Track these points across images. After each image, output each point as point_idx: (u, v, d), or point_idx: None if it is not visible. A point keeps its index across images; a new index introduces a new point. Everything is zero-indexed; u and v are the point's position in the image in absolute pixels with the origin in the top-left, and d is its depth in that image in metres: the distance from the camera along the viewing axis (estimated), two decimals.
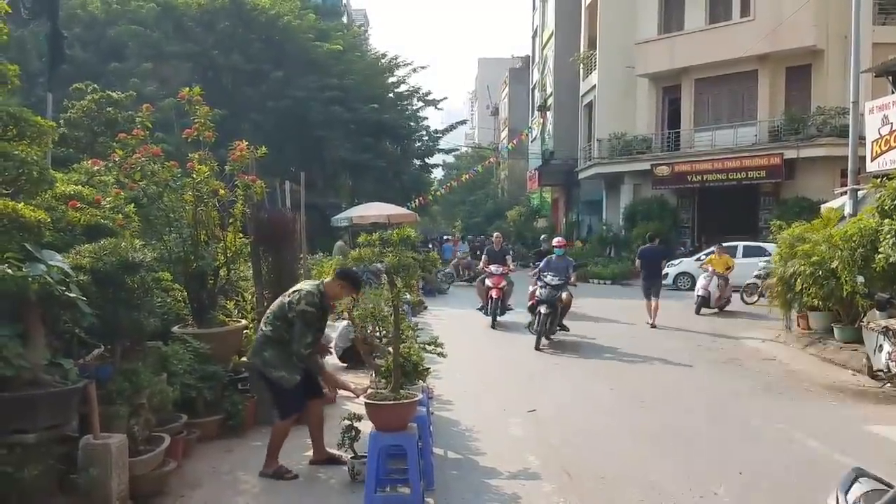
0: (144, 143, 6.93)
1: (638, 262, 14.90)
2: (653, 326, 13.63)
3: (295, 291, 5.36)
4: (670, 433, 6.58)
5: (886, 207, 9.55)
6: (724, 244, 22.25)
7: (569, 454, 5.93)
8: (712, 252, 17.77)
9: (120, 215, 6.70)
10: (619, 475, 5.38)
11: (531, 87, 47.23)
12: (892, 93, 13.47)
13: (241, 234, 7.43)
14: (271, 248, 7.54)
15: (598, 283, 24.51)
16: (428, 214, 45.18)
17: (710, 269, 15.87)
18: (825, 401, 7.92)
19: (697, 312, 15.23)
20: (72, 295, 4.23)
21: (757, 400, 7.97)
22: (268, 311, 5.52)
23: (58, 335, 4.75)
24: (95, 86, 12.91)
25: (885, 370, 8.24)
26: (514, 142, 42.24)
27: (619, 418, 7.10)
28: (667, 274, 22.36)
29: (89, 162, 8.16)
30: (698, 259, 22.27)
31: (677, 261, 23.22)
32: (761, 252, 20.38)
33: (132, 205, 7.17)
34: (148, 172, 6.84)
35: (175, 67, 25.62)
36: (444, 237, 43.47)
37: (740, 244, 21.65)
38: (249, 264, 7.87)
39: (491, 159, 50.78)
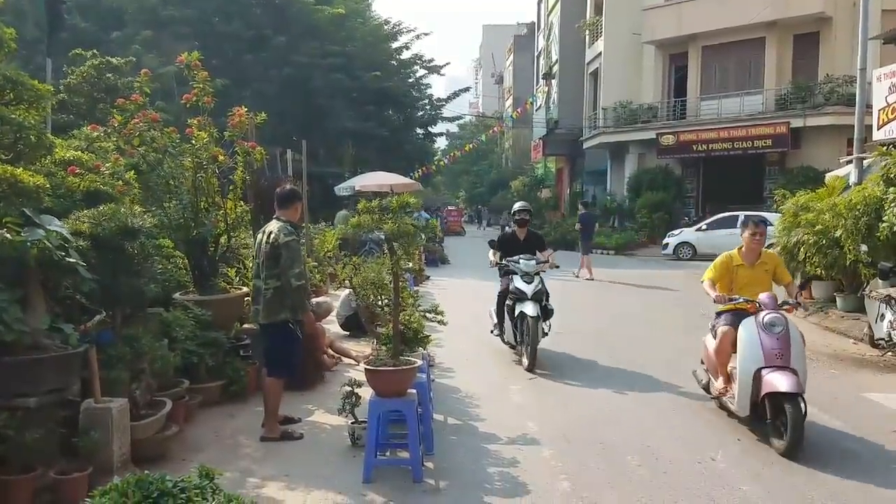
0: (143, 109, 6.89)
1: (578, 225, 18.14)
2: (590, 279, 16.37)
3: (268, 235, 5.37)
4: (669, 400, 6.62)
5: (892, 176, 9.47)
6: (726, 213, 22.14)
7: (567, 421, 5.97)
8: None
9: (120, 181, 6.68)
10: (618, 441, 5.42)
11: (536, 54, 46.70)
12: None
13: (241, 202, 7.42)
14: (271, 215, 7.52)
15: (603, 253, 24.53)
16: (431, 184, 45.05)
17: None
18: (826, 369, 7.93)
19: None
20: (71, 260, 4.23)
21: None
22: (262, 270, 5.41)
23: (58, 300, 4.77)
24: (95, 51, 12.80)
25: (887, 339, 8.24)
26: (519, 110, 41.86)
27: (617, 386, 7.12)
28: (667, 244, 22.45)
29: (89, 128, 8.12)
30: (699, 229, 22.24)
31: (678, 230, 23.21)
32: (763, 222, 20.27)
33: (132, 171, 7.15)
34: (147, 139, 6.82)
35: (175, 34, 25.36)
36: (449, 207, 43.37)
37: (741, 213, 21.58)
38: (250, 232, 7.87)
39: (495, 128, 50.44)
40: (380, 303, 5.64)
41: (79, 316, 4.92)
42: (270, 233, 5.37)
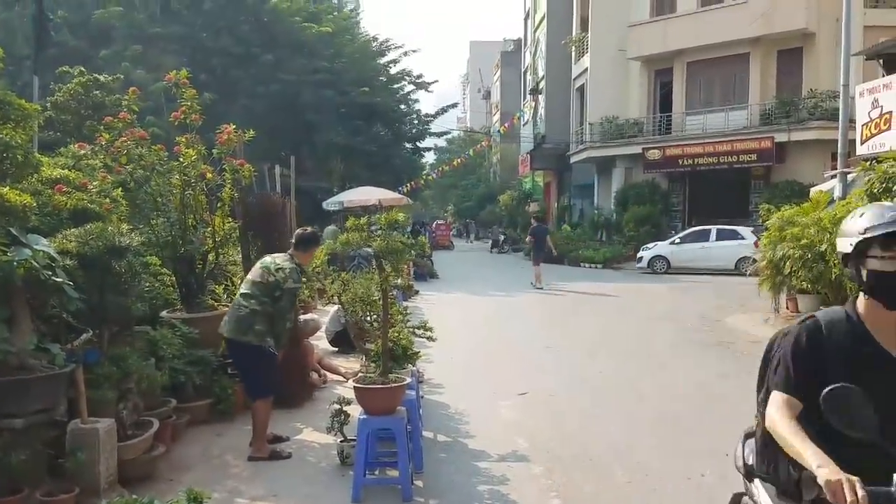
0: (131, 127, 6.88)
1: (529, 238, 18.97)
2: (539, 288, 17.19)
3: (278, 269, 5.37)
4: (658, 415, 6.63)
5: (875, 191, 9.58)
6: (699, 227, 22.48)
7: (558, 436, 5.96)
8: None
9: (107, 199, 6.64)
10: (608, 457, 5.43)
11: (523, 70, 46.99)
12: (883, 76, 13.50)
13: (229, 219, 7.40)
14: (260, 232, 7.51)
15: (590, 267, 24.61)
16: (420, 199, 45.07)
17: None
18: None
19: None
20: (58, 279, 4.21)
21: (744, 382, 7.98)
22: (248, 287, 5.45)
23: (45, 320, 4.73)
24: (82, 69, 12.78)
25: None
26: (506, 126, 42.04)
27: (608, 401, 7.14)
28: (641, 258, 22.64)
29: (76, 146, 8.09)
30: (673, 242, 22.50)
31: (652, 244, 23.37)
32: (735, 235, 20.77)
33: (119, 189, 7.13)
34: (135, 156, 6.80)
35: (163, 50, 25.37)
36: (438, 221, 43.35)
37: (713, 228, 21.92)
38: (238, 249, 7.84)
39: (482, 143, 50.64)
40: (369, 319, 5.64)
41: (65, 335, 4.87)
42: (279, 268, 5.37)
